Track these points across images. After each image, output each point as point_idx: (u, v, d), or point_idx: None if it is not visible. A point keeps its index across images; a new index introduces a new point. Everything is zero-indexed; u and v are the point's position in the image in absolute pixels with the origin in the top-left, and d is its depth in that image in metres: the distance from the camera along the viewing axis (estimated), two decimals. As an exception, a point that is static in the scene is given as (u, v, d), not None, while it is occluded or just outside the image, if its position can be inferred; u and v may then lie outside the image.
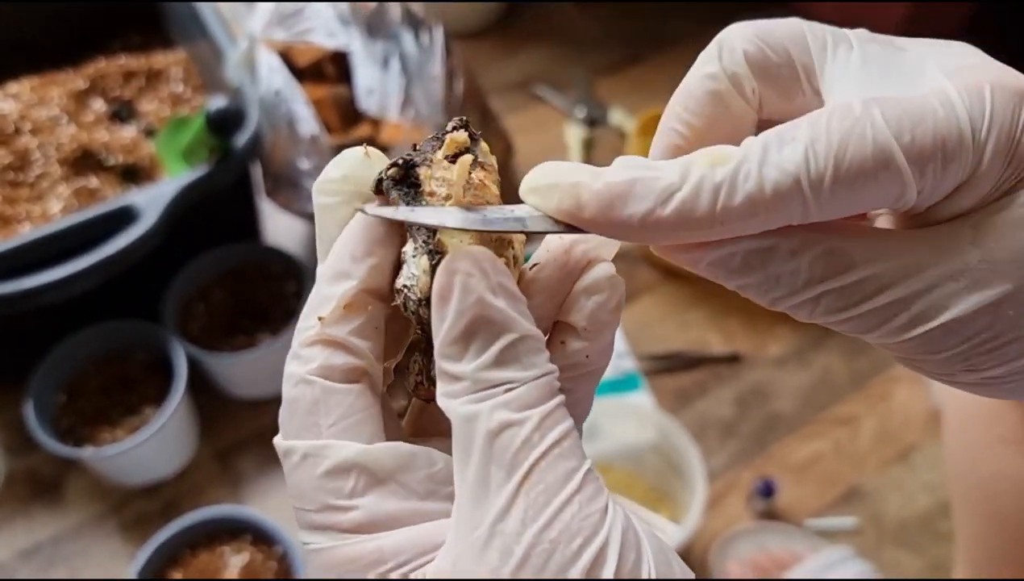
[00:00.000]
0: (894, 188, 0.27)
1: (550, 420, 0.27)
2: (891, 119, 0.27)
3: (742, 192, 0.27)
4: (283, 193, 1.01)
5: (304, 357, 0.30)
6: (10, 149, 0.99)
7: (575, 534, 0.25)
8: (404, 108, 1.00)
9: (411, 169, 0.31)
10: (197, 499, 0.98)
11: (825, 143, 0.27)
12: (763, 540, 0.96)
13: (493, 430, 0.27)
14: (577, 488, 0.26)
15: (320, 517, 0.29)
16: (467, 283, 0.28)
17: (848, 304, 0.29)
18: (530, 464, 0.26)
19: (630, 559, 0.26)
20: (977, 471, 0.69)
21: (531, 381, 0.27)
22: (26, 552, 0.94)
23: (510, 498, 0.26)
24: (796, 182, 0.27)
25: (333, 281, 0.31)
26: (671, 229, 0.28)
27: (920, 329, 0.28)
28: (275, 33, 1.01)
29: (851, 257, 0.29)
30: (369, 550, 0.28)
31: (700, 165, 0.28)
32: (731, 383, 1.11)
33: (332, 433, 0.29)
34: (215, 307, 1.02)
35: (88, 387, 0.96)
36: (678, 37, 1.50)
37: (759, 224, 0.28)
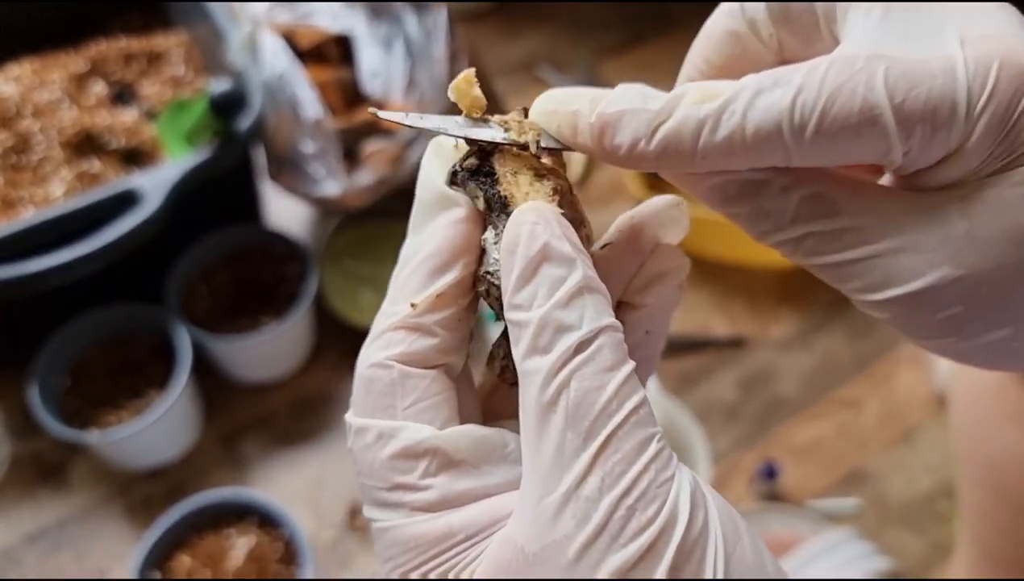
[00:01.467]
0: (879, 145, 0.27)
1: (627, 387, 0.27)
2: (889, 77, 0.27)
3: (724, 130, 0.28)
4: (286, 176, 1.00)
5: (386, 340, 0.31)
6: (12, 132, 0.98)
7: (651, 500, 0.26)
8: (408, 91, 1.00)
9: (487, 158, 0.32)
10: (202, 482, 0.98)
11: (816, 92, 0.27)
12: (766, 522, 0.96)
13: (571, 394, 0.27)
14: (654, 455, 0.27)
15: (391, 495, 0.30)
16: (533, 230, 0.28)
17: (828, 250, 0.29)
18: (608, 432, 0.26)
19: (699, 518, 0.26)
20: (984, 448, 0.70)
21: (600, 334, 0.27)
22: (32, 536, 0.95)
23: (587, 465, 0.26)
24: (778, 128, 0.27)
25: (430, 273, 0.32)
26: (654, 159, 0.29)
27: (892, 291, 0.28)
28: (278, 16, 1.01)
29: (838, 204, 0.29)
30: (439, 526, 0.29)
31: (689, 99, 0.29)
32: (734, 366, 1.11)
33: (408, 415, 0.30)
34: (218, 290, 1.02)
35: (92, 370, 0.96)
36: (682, 18, 1.49)
37: (739, 163, 0.29)
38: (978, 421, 0.70)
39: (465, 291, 0.32)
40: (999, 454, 0.68)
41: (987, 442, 0.69)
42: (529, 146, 0.32)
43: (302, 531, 0.86)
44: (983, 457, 0.70)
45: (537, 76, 1.40)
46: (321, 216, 1.18)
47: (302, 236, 1.15)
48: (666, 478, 0.26)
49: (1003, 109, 0.27)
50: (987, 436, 0.69)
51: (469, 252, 0.32)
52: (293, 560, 0.87)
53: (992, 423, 0.68)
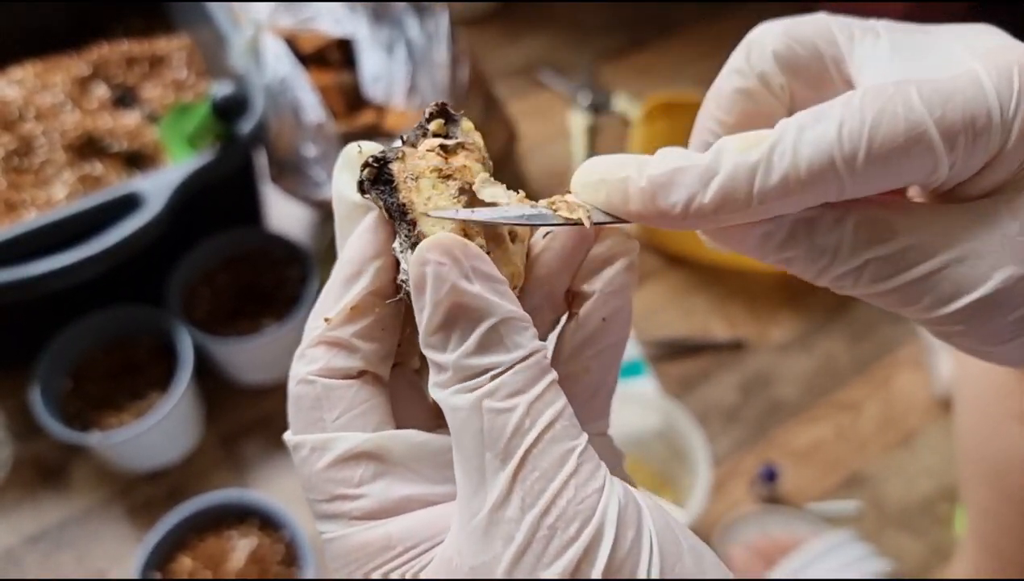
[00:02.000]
0: (927, 162, 0.28)
1: (540, 403, 0.27)
2: (924, 97, 0.27)
3: (778, 171, 0.28)
4: (288, 179, 1.01)
5: (308, 357, 0.31)
6: (14, 135, 0.99)
7: (572, 518, 0.26)
8: (410, 95, 1.00)
9: (384, 166, 0.31)
10: (203, 484, 0.98)
11: (859, 120, 0.27)
12: (766, 524, 0.96)
13: (484, 419, 0.27)
14: (573, 471, 0.26)
15: (331, 507, 0.30)
16: (438, 272, 0.28)
17: (893, 272, 0.29)
18: (524, 451, 0.26)
19: (628, 536, 0.26)
20: (989, 447, 0.70)
21: (517, 363, 0.27)
22: (33, 537, 0.95)
23: (507, 485, 0.26)
24: (830, 159, 0.27)
25: (342, 284, 0.32)
26: (712, 213, 0.29)
27: (964, 300, 0.29)
28: (281, 20, 1.01)
29: (894, 226, 0.29)
30: (378, 536, 0.29)
31: (734, 149, 0.29)
32: (734, 369, 1.11)
33: (337, 426, 0.30)
34: (219, 293, 1.02)
35: (94, 372, 0.97)
36: (681, 23, 1.50)
37: (796, 202, 0.29)
38: (983, 421, 0.71)
39: (384, 298, 0.32)
40: (1004, 454, 0.68)
41: (992, 442, 0.70)
42: (584, 223, 0.31)
43: (303, 533, 0.86)
44: (988, 457, 0.70)
45: (538, 80, 1.40)
46: (322, 219, 1.18)
47: (303, 239, 1.16)
48: (588, 494, 0.26)
49: None
50: (992, 436, 0.70)
51: (380, 258, 0.32)
52: (294, 562, 0.87)
53: (997, 423, 0.69)
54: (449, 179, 0.31)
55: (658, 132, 1.22)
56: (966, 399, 0.74)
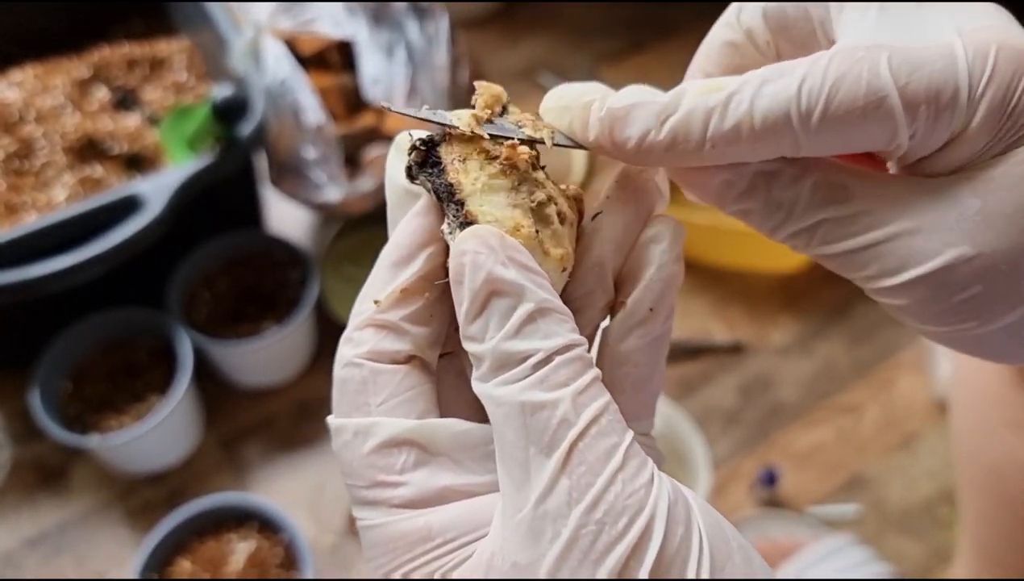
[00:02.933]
0: (885, 129, 0.28)
1: (584, 396, 0.27)
2: (892, 62, 0.27)
3: (733, 117, 0.28)
4: (288, 181, 1.01)
5: (355, 340, 0.31)
6: (15, 137, 0.99)
7: (620, 513, 0.25)
8: (409, 97, 1.00)
9: (432, 149, 0.31)
10: (202, 487, 0.98)
11: (820, 78, 0.27)
12: (766, 527, 0.96)
13: (527, 413, 0.26)
14: (620, 465, 0.26)
15: (371, 493, 0.29)
16: (475, 261, 0.28)
17: (844, 235, 0.29)
18: (569, 444, 0.26)
19: (678, 532, 0.26)
20: (985, 454, 0.70)
21: (557, 354, 0.27)
22: (32, 540, 0.95)
23: (552, 479, 0.26)
24: (786, 114, 0.28)
25: (393, 267, 0.31)
26: (664, 151, 0.29)
27: (911, 272, 0.28)
28: (281, 22, 1.01)
29: (850, 190, 0.29)
30: (418, 527, 0.28)
31: (695, 92, 0.29)
32: (734, 372, 1.11)
33: (382, 411, 0.30)
34: (220, 295, 1.02)
35: (94, 374, 0.97)
36: (681, 24, 1.50)
37: (749, 151, 0.29)
38: (978, 428, 0.71)
39: (435, 283, 0.32)
40: (1000, 460, 0.68)
41: (988, 448, 0.70)
42: (545, 142, 0.32)
43: (302, 536, 0.86)
44: (984, 463, 0.70)
45: (538, 82, 1.40)
46: (322, 221, 1.18)
47: (303, 241, 1.16)
48: (636, 488, 0.26)
49: (1003, 90, 0.27)
50: (988, 442, 0.69)
51: (431, 244, 0.31)
52: (293, 565, 0.87)
53: (992, 430, 0.69)
54: (496, 160, 0.31)
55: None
56: (962, 406, 0.74)
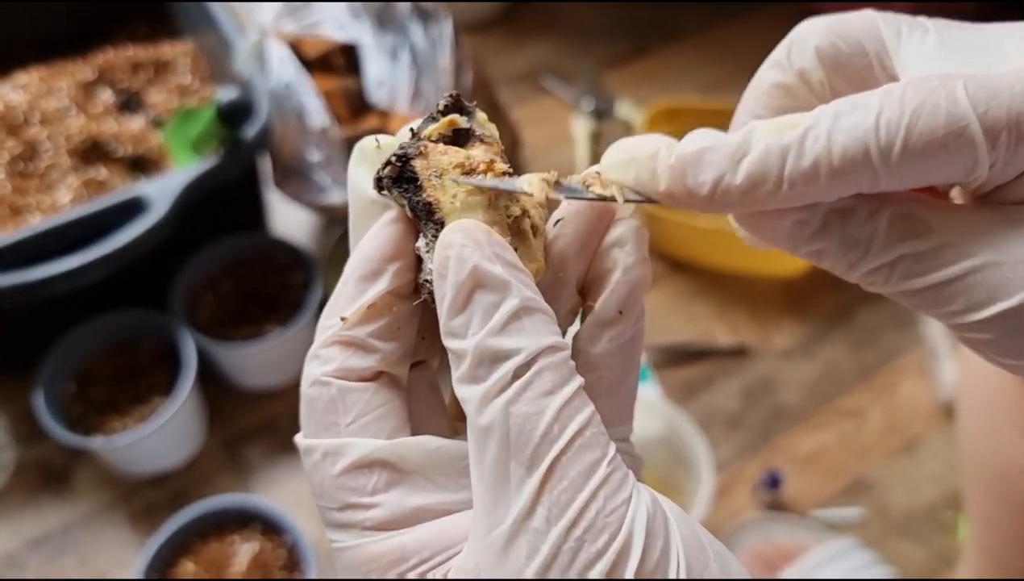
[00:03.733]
0: (967, 159, 0.27)
1: (569, 408, 0.26)
2: (969, 91, 0.26)
3: (810, 154, 0.27)
4: (292, 184, 1.01)
5: (322, 357, 0.30)
6: (19, 139, 0.99)
7: (601, 530, 0.25)
8: (413, 100, 1.00)
9: (407, 164, 0.30)
10: (205, 489, 0.98)
11: (898, 110, 0.26)
12: (769, 531, 0.96)
13: (511, 424, 0.26)
14: (602, 480, 0.25)
15: (342, 516, 0.29)
16: (461, 254, 0.27)
17: (926, 269, 0.28)
18: (552, 459, 0.25)
19: (657, 547, 0.25)
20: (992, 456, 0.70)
21: (540, 354, 0.26)
22: (35, 541, 0.95)
23: (534, 495, 0.25)
24: (865, 147, 0.27)
25: (360, 283, 0.31)
26: (741, 194, 0.28)
27: (998, 306, 0.27)
28: (285, 25, 1.01)
29: (930, 223, 0.28)
30: (391, 548, 0.28)
31: (766, 131, 0.28)
32: (737, 375, 1.11)
33: (351, 431, 0.29)
34: (223, 297, 1.02)
35: (97, 376, 0.97)
36: (685, 29, 1.50)
37: (827, 190, 0.28)
38: (986, 430, 0.71)
39: (402, 298, 0.31)
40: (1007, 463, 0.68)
41: (995, 451, 0.69)
42: (617, 199, 0.30)
43: (306, 537, 0.86)
44: (991, 466, 0.70)
45: (541, 86, 1.40)
46: (326, 224, 1.18)
47: (307, 244, 1.16)
48: (617, 504, 0.25)
49: None
50: (995, 445, 0.69)
51: (399, 258, 0.31)
52: (296, 567, 0.87)
53: (1000, 432, 0.68)
54: (473, 173, 0.30)
55: (661, 138, 1.22)
56: (969, 408, 0.74)
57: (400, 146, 0.31)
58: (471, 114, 0.32)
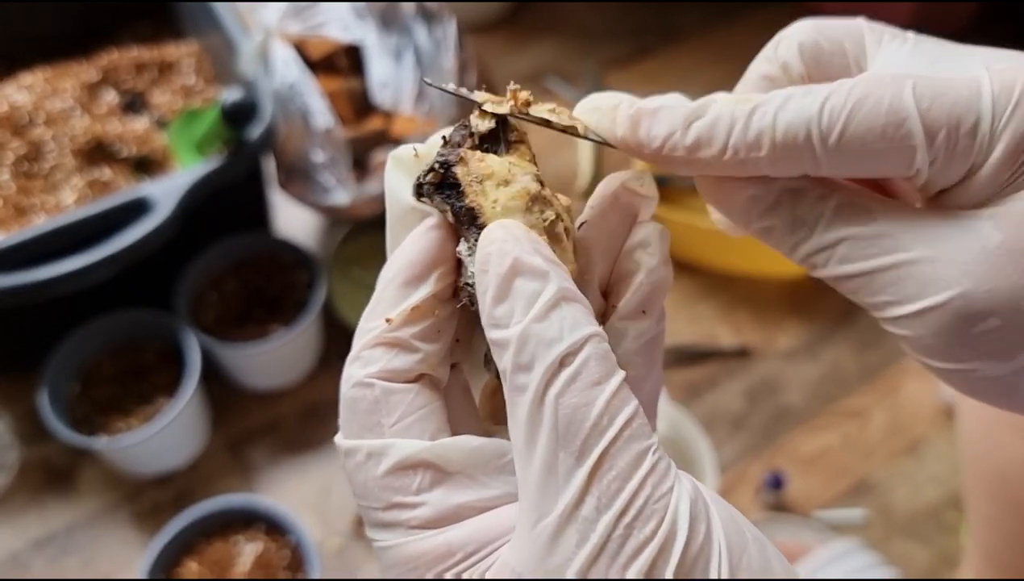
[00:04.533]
0: (904, 153, 0.28)
1: (617, 400, 0.26)
2: (916, 89, 0.28)
3: (755, 128, 0.29)
4: (296, 185, 1.01)
5: (365, 359, 0.31)
6: (24, 140, 0.99)
7: (649, 517, 0.25)
8: (417, 101, 1.00)
9: (448, 170, 0.31)
10: (209, 489, 0.98)
11: (843, 98, 0.28)
12: (772, 532, 0.96)
13: (559, 415, 0.26)
14: (649, 469, 0.26)
15: (387, 515, 0.29)
16: (502, 248, 0.28)
17: (863, 255, 0.29)
18: (602, 450, 0.26)
19: (700, 531, 0.26)
20: (993, 457, 0.70)
21: (584, 342, 0.27)
22: (40, 541, 0.95)
23: (583, 485, 0.26)
24: (807, 130, 0.28)
25: (404, 287, 0.31)
26: (686, 152, 0.30)
27: (928, 301, 0.28)
28: (290, 26, 1.01)
29: (874, 213, 0.30)
30: (437, 544, 0.28)
31: (723, 101, 0.30)
32: (740, 376, 1.11)
33: (395, 431, 0.30)
34: (227, 297, 1.02)
35: (102, 376, 0.97)
36: (687, 30, 1.50)
37: (769, 164, 0.30)
38: (987, 432, 0.71)
39: (442, 301, 0.32)
40: (1007, 465, 0.68)
41: (995, 453, 0.70)
42: (578, 129, 0.33)
43: (309, 538, 0.86)
44: (991, 468, 0.70)
45: (545, 87, 1.40)
46: (330, 225, 1.19)
47: (311, 245, 1.16)
48: (663, 492, 0.26)
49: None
50: (995, 447, 0.69)
51: (442, 263, 0.32)
52: (300, 567, 0.87)
53: (1001, 434, 0.69)
54: (511, 182, 0.31)
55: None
56: (969, 410, 0.74)
57: (439, 153, 0.32)
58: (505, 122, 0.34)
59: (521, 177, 0.31)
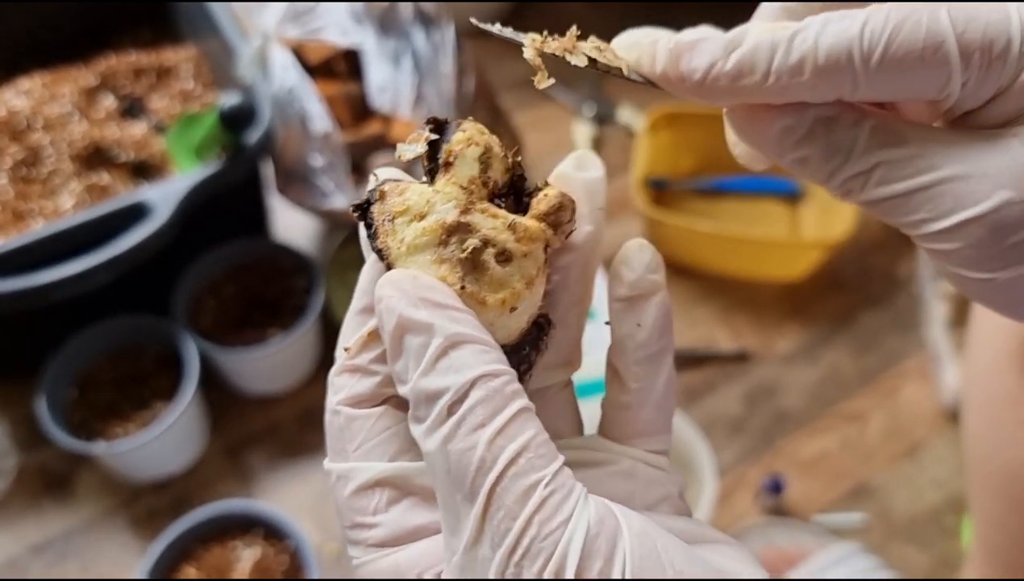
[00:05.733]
0: (940, 75, 0.29)
1: (501, 438, 0.27)
2: (951, 13, 0.29)
3: (797, 52, 0.29)
4: (294, 189, 1.01)
5: (335, 386, 0.33)
6: (22, 145, 0.99)
7: (536, 555, 0.26)
8: (416, 105, 1.00)
9: (366, 210, 0.32)
10: (208, 494, 0.98)
11: (883, 21, 0.29)
12: (772, 536, 0.96)
13: (450, 460, 0.27)
14: (537, 506, 0.26)
15: (352, 533, 0.31)
16: (388, 305, 0.29)
17: (900, 177, 0.30)
18: (488, 490, 0.26)
19: (595, 568, 0.26)
20: (999, 455, 0.70)
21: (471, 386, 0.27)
22: (37, 547, 0.95)
23: (477, 525, 0.27)
24: (848, 51, 0.29)
25: (359, 315, 0.33)
26: (730, 81, 0.31)
27: (962, 214, 0.29)
28: (288, 30, 1.01)
29: (907, 136, 0.31)
30: (388, 565, 0.30)
31: (761, 29, 0.31)
32: (739, 380, 1.11)
33: (357, 456, 0.32)
34: (225, 302, 1.02)
35: (99, 382, 0.97)
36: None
37: (811, 88, 0.30)
38: (993, 429, 0.71)
39: None
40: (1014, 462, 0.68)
41: (1002, 450, 0.69)
42: (623, 71, 0.33)
43: (308, 543, 0.86)
44: (997, 466, 0.70)
45: (543, 91, 1.40)
46: (328, 229, 1.19)
47: (309, 249, 1.16)
48: (552, 529, 0.26)
49: None
50: (1002, 444, 0.69)
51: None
52: (299, 572, 0.87)
53: (1007, 431, 0.68)
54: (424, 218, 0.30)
55: (663, 143, 1.22)
56: (975, 407, 0.74)
57: (367, 190, 0.32)
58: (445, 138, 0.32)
59: (440, 206, 0.30)
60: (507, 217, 0.31)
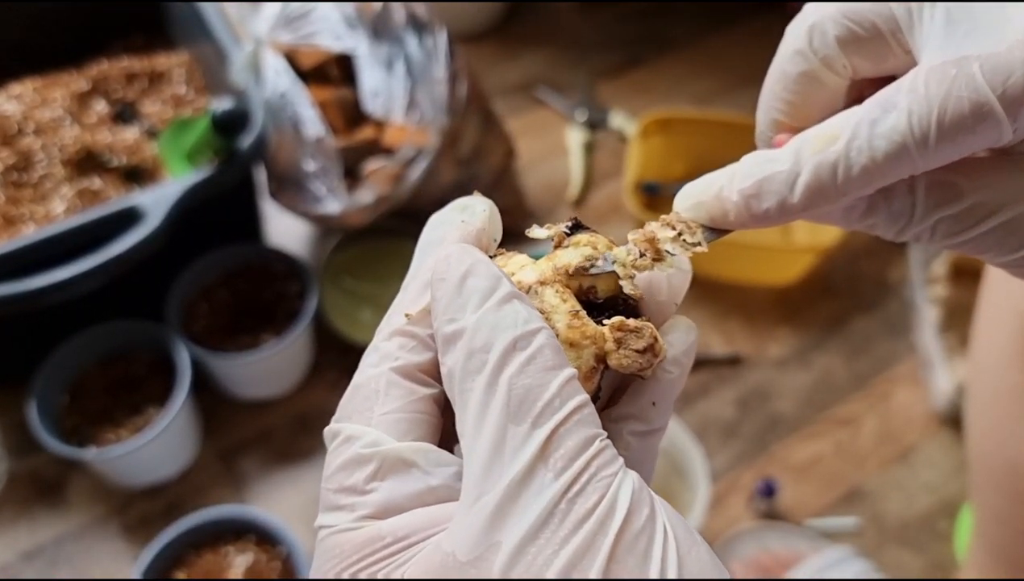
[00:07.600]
0: (992, 134, 0.30)
1: (570, 387, 0.27)
2: (985, 74, 0.29)
3: (857, 165, 0.31)
4: (287, 194, 1.01)
5: (382, 350, 0.31)
6: (13, 150, 0.99)
7: (591, 493, 0.26)
8: (409, 110, 1.00)
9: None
10: (200, 500, 0.98)
11: (926, 107, 0.30)
12: (765, 540, 0.96)
13: (511, 392, 0.27)
14: (596, 453, 0.26)
15: (338, 498, 0.29)
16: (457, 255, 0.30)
17: (962, 228, 0.33)
18: (552, 428, 0.26)
19: (643, 513, 0.26)
20: (1003, 451, 0.70)
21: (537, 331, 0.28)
22: (29, 553, 0.94)
23: (532, 460, 0.26)
24: (903, 147, 0.30)
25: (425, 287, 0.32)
26: (802, 209, 0.32)
27: None
28: (281, 35, 1.01)
29: (960, 188, 0.32)
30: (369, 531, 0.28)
31: (812, 149, 0.32)
32: (732, 384, 1.11)
33: (382, 421, 0.30)
34: (218, 307, 1.02)
35: (91, 387, 0.96)
36: (678, 40, 1.51)
37: (875, 187, 0.32)
38: (998, 423, 0.71)
39: None
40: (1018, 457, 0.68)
41: (1006, 445, 0.70)
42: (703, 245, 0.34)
43: (301, 548, 0.86)
44: (1002, 461, 0.70)
45: (536, 96, 1.41)
46: (321, 234, 1.19)
47: (302, 254, 1.16)
48: (608, 474, 0.26)
49: None
50: (1007, 439, 0.69)
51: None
52: (291, 577, 0.87)
53: (1011, 426, 0.68)
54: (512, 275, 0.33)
55: (654, 148, 1.23)
56: (980, 403, 0.74)
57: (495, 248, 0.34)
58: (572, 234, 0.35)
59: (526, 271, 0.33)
60: (575, 306, 0.32)
